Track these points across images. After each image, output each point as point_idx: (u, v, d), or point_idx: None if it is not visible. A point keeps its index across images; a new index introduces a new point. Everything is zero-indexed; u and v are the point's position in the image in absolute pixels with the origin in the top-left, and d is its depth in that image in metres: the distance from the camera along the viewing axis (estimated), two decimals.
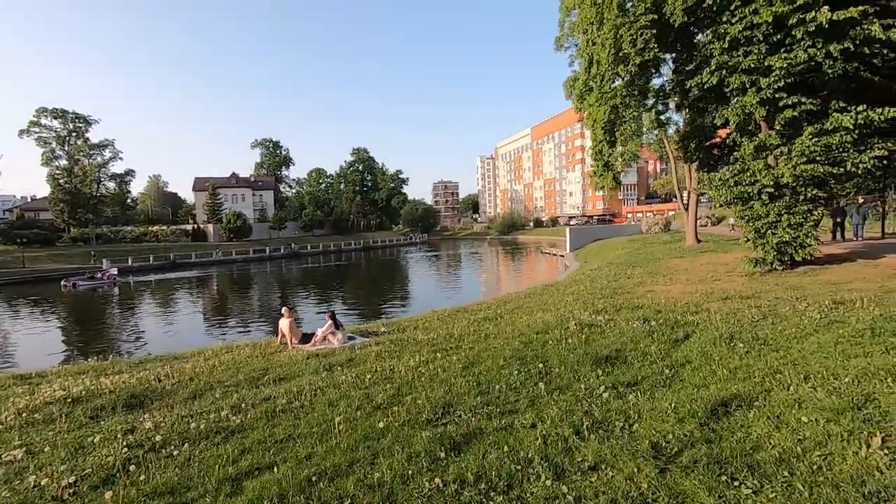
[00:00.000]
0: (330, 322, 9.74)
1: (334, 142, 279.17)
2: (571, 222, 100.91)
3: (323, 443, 4.21)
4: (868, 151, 11.50)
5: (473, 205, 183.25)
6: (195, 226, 78.10)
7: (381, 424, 4.41)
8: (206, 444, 4.48)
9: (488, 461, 3.46)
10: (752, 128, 13.18)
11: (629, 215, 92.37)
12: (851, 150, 11.61)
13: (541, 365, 6.04)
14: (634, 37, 12.59)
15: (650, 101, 17.12)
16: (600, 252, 34.69)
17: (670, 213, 63.93)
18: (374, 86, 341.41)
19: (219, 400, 6.02)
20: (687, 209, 24.49)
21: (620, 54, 12.92)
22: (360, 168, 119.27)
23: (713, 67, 12.37)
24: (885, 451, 2.93)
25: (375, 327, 11.03)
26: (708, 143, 16.08)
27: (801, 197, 12.20)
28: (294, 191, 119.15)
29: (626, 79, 14.08)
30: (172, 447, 4.42)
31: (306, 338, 9.91)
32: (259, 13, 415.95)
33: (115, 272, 43.35)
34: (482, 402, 4.93)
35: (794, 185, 12.15)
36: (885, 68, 12.44)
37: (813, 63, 11.53)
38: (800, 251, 12.10)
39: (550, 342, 7.37)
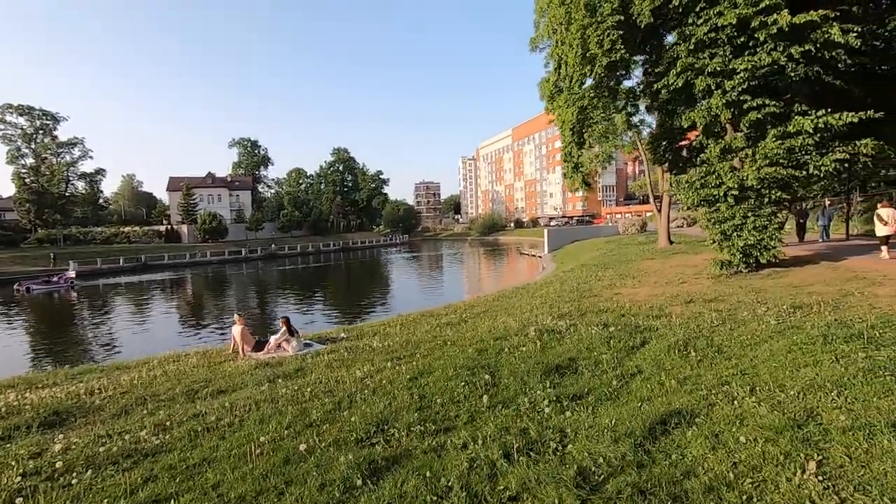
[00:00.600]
0: (284, 329, 9.35)
1: (318, 142, 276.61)
2: (552, 223, 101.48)
3: (238, 468, 3.87)
4: (829, 154, 11.57)
5: (455, 205, 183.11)
6: (169, 226, 76.22)
7: (304, 447, 4.08)
8: (111, 470, 4.09)
9: (405, 490, 3.17)
10: (717, 130, 13.19)
11: (608, 216, 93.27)
12: (814, 153, 11.67)
13: (489, 376, 5.78)
14: (601, 37, 12.46)
15: (621, 103, 17.07)
16: (577, 253, 34.77)
17: (647, 215, 64.59)
18: (360, 85, 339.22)
19: (145, 417, 5.61)
20: (660, 211, 24.61)
21: (588, 55, 12.78)
22: (341, 168, 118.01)
23: (679, 69, 12.32)
24: (820, 476, 2.72)
25: (335, 333, 10.66)
26: (677, 146, 16.10)
27: (766, 199, 12.22)
28: (274, 191, 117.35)
29: (594, 80, 13.96)
30: (74, 475, 4.02)
31: (260, 345, 9.49)
32: (257, 15, 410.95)
33: (73, 275, 41.42)
34: (420, 417, 4.64)
35: (758, 187, 12.16)
36: (846, 73, 12.59)
37: (776, 66, 11.56)
38: (764, 253, 12.11)
39: (506, 350, 7.12)
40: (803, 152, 11.78)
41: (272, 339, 9.39)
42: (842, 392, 3.85)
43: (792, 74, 11.57)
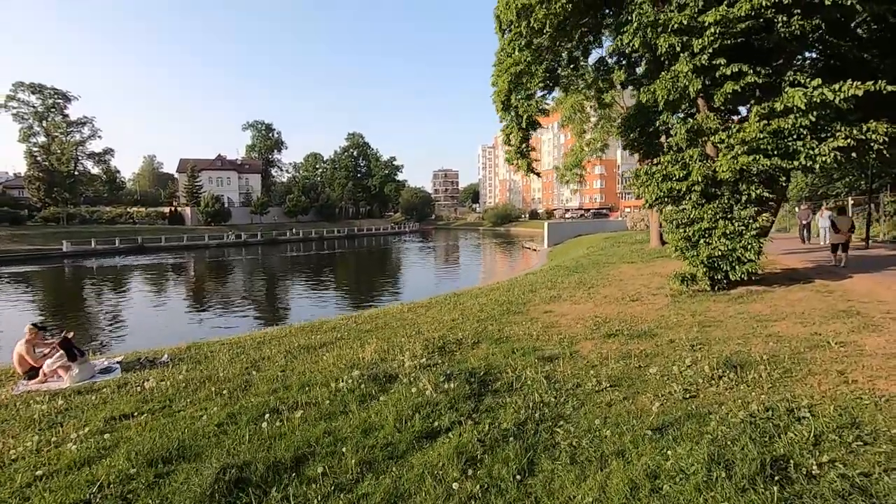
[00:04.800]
0: (60, 352, 7.13)
1: (336, 126, 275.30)
2: (567, 215, 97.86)
3: None
4: (830, 140, 8.64)
5: (474, 194, 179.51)
6: (172, 208, 75.68)
7: None
8: None
9: None
10: (686, 106, 10.31)
11: (626, 209, 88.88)
12: (808, 139, 8.76)
13: (143, 486, 3.41)
14: None
15: (590, 77, 14.18)
16: (569, 250, 31.97)
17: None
18: (382, 69, 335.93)
19: None
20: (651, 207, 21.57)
21: (521, 4, 10.03)
22: (355, 154, 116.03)
23: (635, 25, 9.50)
24: None
25: (160, 354, 8.40)
26: (651, 129, 13.17)
27: (744, 197, 9.39)
28: (290, 175, 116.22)
29: (545, 42, 11.18)
30: None
31: (35, 372, 7.31)
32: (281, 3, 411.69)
33: None
34: None
35: (734, 180, 9.34)
36: (867, 38, 9.60)
37: (761, 20, 8.66)
38: (737, 268, 9.31)
39: (268, 417, 4.70)
40: (795, 137, 8.88)
41: (46, 363, 7.20)
42: None
43: (783, 31, 8.65)
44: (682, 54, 9.25)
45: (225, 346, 8.83)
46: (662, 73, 9.83)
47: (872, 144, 8.63)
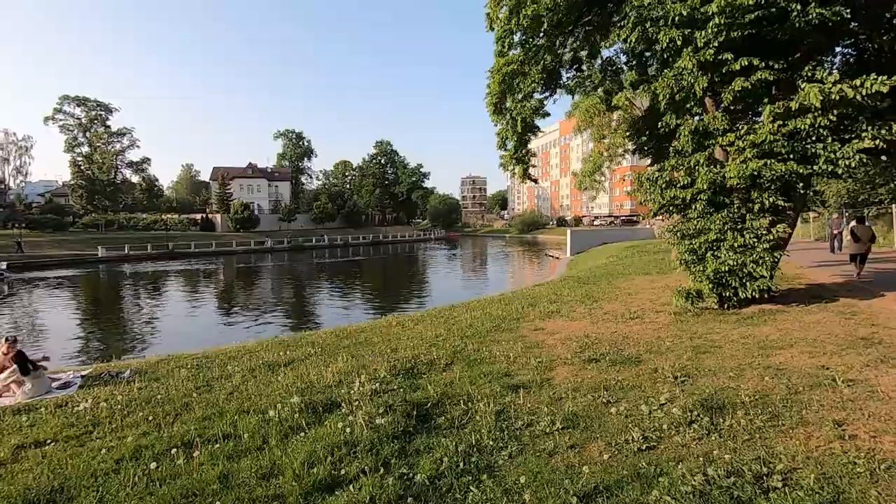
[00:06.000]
0: (13, 367, 6.91)
1: (366, 134, 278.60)
2: (595, 222, 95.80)
3: None
4: (855, 141, 7.66)
5: (502, 201, 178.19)
6: (204, 215, 77.85)
7: None
8: None
9: None
10: (692, 106, 9.41)
11: (656, 217, 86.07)
12: (829, 140, 7.79)
13: None
14: None
15: (597, 77, 13.40)
16: (589, 259, 30.86)
17: None
18: (412, 74, 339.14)
19: None
20: (655, 216, 20.40)
21: (513, 1, 9.41)
22: (383, 161, 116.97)
23: (633, 20, 8.75)
24: None
25: (125, 368, 8.12)
26: (661, 132, 12.25)
27: (756, 206, 8.45)
28: (321, 182, 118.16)
29: (544, 40, 10.51)
30: None
31: None
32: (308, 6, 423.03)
33: (5, 266, 37.15)
34: None
35: (745, 187, 8.42)
36: (890, 20, 8.57)
37: (774, 10, 7.78)
38: (748, 284, 8.36)
39: (169, 456, 4.24)
40: (814, 138, 7.93)
41: None
42: None
43: (798, 21, 7.73)
44: (684, 49, 8.43)
45: (193, 360, 8.47)
46: (665, 70, 9.02)
47: None
